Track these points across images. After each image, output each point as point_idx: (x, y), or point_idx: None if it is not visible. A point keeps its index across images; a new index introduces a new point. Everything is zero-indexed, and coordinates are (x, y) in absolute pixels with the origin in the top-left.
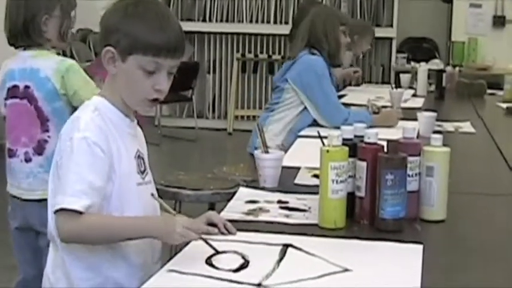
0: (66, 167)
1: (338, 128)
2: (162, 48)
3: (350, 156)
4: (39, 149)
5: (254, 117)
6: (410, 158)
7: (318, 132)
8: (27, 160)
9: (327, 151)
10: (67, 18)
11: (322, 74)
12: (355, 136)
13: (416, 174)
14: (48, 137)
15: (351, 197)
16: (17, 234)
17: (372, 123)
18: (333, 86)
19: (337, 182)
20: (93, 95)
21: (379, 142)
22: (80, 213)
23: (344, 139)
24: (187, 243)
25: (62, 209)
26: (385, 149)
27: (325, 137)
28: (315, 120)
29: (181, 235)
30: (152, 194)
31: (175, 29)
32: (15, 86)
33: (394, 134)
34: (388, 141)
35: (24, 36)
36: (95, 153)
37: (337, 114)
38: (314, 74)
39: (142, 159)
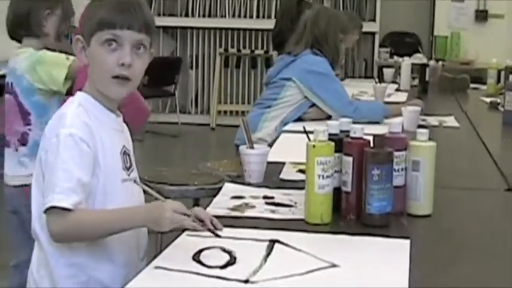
0: (52, 165)
1: (355, 121)
2: (118, 20)
3: (336, 151)
4: (23, 141)
5: (237, 112)
6: (396, 153)
7: (304, 127)
8: (17, 149)
9: (313, 146)
10: (66, 21)
11: (328, 71)
12: (341, 131)
13: (402, 169)
14: (29, 130)
15: (337, 192)
16: (10, 217)
17: (387, 114)
18: (340, 82)
19: (323, 177)
20: (67, 67)
21: (365, 137)
22: (69, 210)
23: (330, 134)
24: (176, 237)
25: (51, 207)
26: (371, 144)
27: (311, 132)
28: (299, 116)
29: (171, 220)
30: (135, 181)
31: (136, 9)
32: (7, 83)
33: (380, 128)
34: (374, 135)
35: (24, 25)
36: (82, 149)
37: (349, 106)
38: (321, 72)
39: (128, 155)
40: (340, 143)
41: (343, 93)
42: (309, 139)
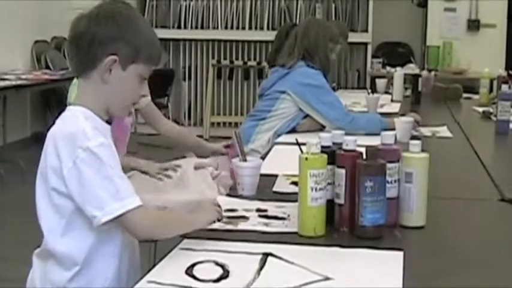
0: (101, 177)
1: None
2: (158, 58)
3: (329, 163)
4: None
5: (230, 123)
6: (389, 165)
7: (296, 140)
8: None
9: (306, 159)
10: None
11: (324, 84)
12: (333, 143)
13: (395, 181)
14: None
15: (330, 204)
16: None
17: (385, 126)
18: (335, 94)
19: (316, 189)
20: None
21: (358, 149)
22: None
23: (322, 146)
24: (169, 251)
25: (126, 212)
26: (364, 156)
27: (303, 144)
28: (293, 128)
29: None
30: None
31: (158, 39)
32: None
33: (373, 140)
34: (367, 147)
35: None
36: (116, 153)
37: (346, 117)
38: (317, 85)
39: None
40: (332, 155)
41: (339, 105)
42: (302, 151)
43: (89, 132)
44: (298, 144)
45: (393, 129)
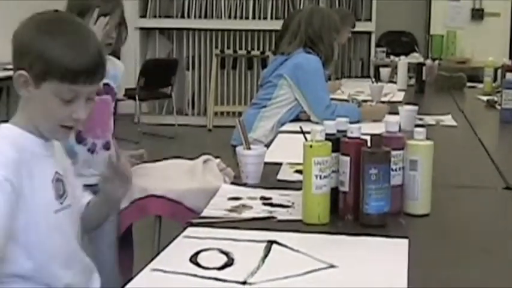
0: None
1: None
2: (80, 74)
3: (333, 151)
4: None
5: (234, 113)
6: (393, 152)
7: (300, 127)
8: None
9: (310, 146)
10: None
11: (317, 71)
12: (338, 131)
13: (400, 169)
14: None
15: (334, 192)
16: None
17: (360, 118)
18: (325, 84)
19: (320, 177)
20: None
21: (362, 136)
22: None
23: (327, 134)
24: (173, 239)
25: None
26: (368, 144)
27: (308, 132)
28: (296, 116)
29: None
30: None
31: (93, 51)
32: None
33: (377, 128)
34: (372, 135)
35: None
36: (5, 191)
37: (326, 110)
38: (309, 70)
39: (62, 181)
40: (337, 142)
41: (323, 96)
42: (306, 139)
43: None
44: (302, 132)
45: (373, 119)
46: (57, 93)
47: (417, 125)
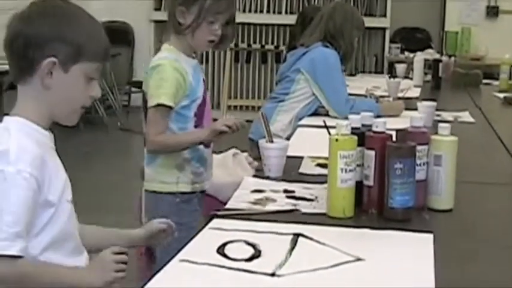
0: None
1: (346, 118)
2: (105, 51)
3: (358, 145)
4: None
5: (247, 107)
6: (418, 147)
7: (324, 122)
8: None
9: (336, 140)
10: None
11: (335, 65)
12: (363, 125)
13: (424, 163)
14: None
15: (358, 185)
16: None
17: (378, 113)
18: (343, 78)
19: (346, 171)
20: None
21: (387, 131)
22: (15, 257)
23: (352, 128)
24: (198, 231)
25: None
26: (393, 138)
27: (331, 127)
28: (315, 110)
29: (114, 260)
30: None
31: (103, 32)
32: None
33: (400, 123)
34: (397, 130)
35: None
36: (31, 188)
37: (345, 105)
38: (327, 64)
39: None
40: (362, 137)
41: (342, 90)
42: (329, 133)
43: (12, 155)
44: (326, 126)
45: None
46: (88, 73)
47: (435, 121)
